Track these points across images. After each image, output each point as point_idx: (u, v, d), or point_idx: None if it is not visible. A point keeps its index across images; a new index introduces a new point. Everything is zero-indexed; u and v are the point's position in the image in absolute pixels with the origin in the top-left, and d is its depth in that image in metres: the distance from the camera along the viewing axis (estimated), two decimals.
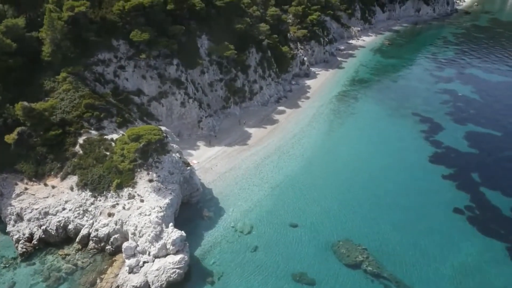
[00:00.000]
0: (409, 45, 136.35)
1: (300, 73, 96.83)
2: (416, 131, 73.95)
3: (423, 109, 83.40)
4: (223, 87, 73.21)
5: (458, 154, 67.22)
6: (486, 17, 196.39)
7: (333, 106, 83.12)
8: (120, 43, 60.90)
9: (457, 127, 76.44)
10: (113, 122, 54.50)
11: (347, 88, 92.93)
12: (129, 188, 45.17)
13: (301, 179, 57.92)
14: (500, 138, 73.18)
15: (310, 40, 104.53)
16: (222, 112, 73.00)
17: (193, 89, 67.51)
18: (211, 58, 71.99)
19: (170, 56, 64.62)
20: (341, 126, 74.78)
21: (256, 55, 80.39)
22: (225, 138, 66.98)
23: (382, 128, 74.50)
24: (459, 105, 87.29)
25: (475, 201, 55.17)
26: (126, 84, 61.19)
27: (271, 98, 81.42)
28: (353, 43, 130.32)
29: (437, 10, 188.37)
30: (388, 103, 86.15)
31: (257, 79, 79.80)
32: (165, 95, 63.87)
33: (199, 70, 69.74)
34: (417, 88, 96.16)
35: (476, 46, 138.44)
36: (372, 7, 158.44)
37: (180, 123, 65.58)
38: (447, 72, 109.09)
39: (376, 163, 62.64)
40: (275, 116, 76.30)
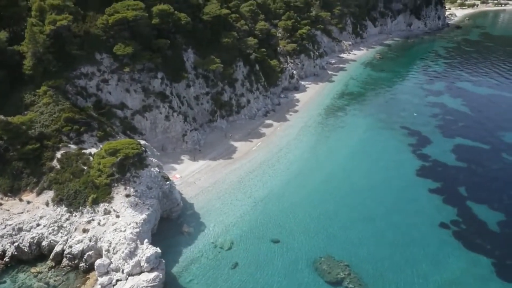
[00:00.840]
0: (400, 59, 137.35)
1: (289, 87, 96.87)
2: (404, 145, 73.46)
3: (411, 122, 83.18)
4: (209, 101, 72.87)
5: (446, 167, 66.58)
6: (477, 31, 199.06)
7: (321, 119, 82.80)
8: (104, 56, 60.63)
9: (445, 140, 76.03)
10: (93, 136, 53.75)
11: (336, 102, 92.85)
12: (105, 203, 44.16)
13: (285, 194, 56.99)
14: (487, 151, 72.71)
15: (300, 54, 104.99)
16: (208, 126, 72.48)
17: (178, 103, 67.08)
18: (197, 71, 71.86)
19: (155, 70, 64.35)
20: (328, 140, 74.23)
21: (243, 69, 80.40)
22: (210, 152, 66.27)
23: (369, 142, 73.98)
24: (448, 118, 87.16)
25: (462, 216, 54.25)
26: (109, 98, 60.68)
27: (258, 112, 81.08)
28: (344, 57, 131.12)
29: (428, 24, 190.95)
30: (376, 116, 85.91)
31: (245, 92, 79.61)
32: (149, 108, 63.33)
33: (185, 83, 69.46)
34: (407, 101, 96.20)
35: (466, 60, 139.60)
36: (364, 21, 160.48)
37: (164, 137, 64.90)
38: (437, 85, 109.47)
39: (361, 177, 61.89)
40: (262, 130, 75.80)
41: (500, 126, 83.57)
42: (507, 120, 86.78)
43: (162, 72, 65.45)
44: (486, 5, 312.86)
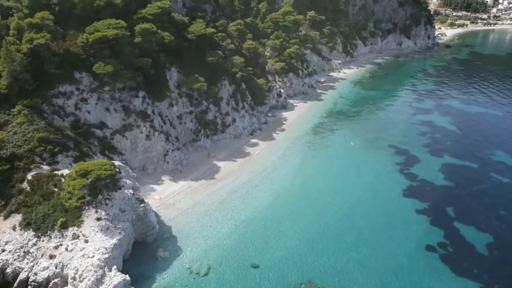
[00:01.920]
0: (390, 77, 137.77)
1: (277, 105, 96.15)
2: (391, 164, 72.21)
3: (400, 141, 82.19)
4: (193, 120, 71.69)
5: (433, 187, 65.21)
6: (467, 50, 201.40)
7: (308, 138, 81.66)
8: (83, 75, 59.58)
9: (433, 159, 74.92)
10: (69, 156, 52.18)
11: (324, 120, 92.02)
12: (74, 227, 42.17)
13: (268, 216, 55.18)
14: (476, 170, 71.59)
15: (288, 73, 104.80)
16: (192, 145, 71.04)
17: (160, 122, 65.83)
18: (180, 90, 70.95)
19: (136, 89, 63.36)
20: (314, 159, 72.87)
21: (229, 87, 79.67)
22: (192, 172, 64.62)
23: (356, 161, 72.65)
24: (437, 136, 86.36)
25: (449, 238, 52.57)
26: (88, 117, 59.32)
27: (244, 131, 79.90)
28: (334, 76, 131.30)
29: (418, 43, 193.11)
30: (364, 135, 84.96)
31: (230, 111, 78.62)
32: (130, 128, 61.95)
33: (167, 102, 68.40)
34: (395, 120, 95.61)
35: (455, 79, 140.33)
36: (354, 40, 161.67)
37: (145, 157, 63.34)
38: (426, 103, 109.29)
39: (347, 198, 60.31)
40: (247, 149, 74.43)
41: (488, 145, 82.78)
42: (495, 139, 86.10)
43: (144, 91, 64.44)
44: (475, 25, 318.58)
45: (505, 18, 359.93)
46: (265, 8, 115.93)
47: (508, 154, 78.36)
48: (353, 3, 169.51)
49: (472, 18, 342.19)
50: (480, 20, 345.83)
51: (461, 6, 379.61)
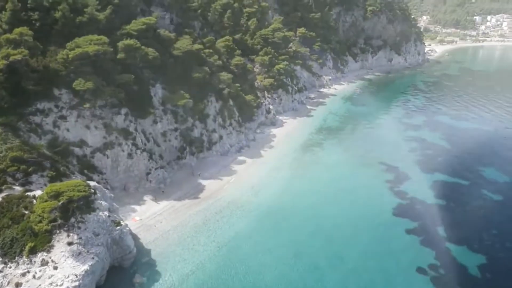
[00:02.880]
0: (380, 93, 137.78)
1: (266, 122, 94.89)
2: (381, 181, 70.62)
3: (390, 157, 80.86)
4: (178, 137, 69.91)
5: (424, 206, 63.52)
6: (457, 66, 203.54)
7: (297, 155, 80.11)
8: (63, 92, 57.82)
9: (423, 176, 73.52)
10: (44, 176, 49.81)
11: (313, 137, 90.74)
12: (43, 252, 39.67)
13: (253, 237, 53.00)
14: (467, 187, 70.17)
15: (278, 89, 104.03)
16: (176, 163, 69.05)
17: (143, 140, 64.00)
18: (165, 107, 69.39)
19: (118, 106, 61.68)
20: (302, 177, 71.08)
21: (216, 104, 78.33)
22: (175, 191, 62.49)
23: (345, 179, 71.02)
24: (427, 152, 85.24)
25: (440, 259, 50.57)
26: (67, 135, 57.29)
27: (231, 148, 78.21)
28: (324, 92, 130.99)
29: (408, 60, 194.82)
30: (354, 151, 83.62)
31: (217, 128, 77.06)
32: (111, 146, 59.97)
33: (151, 119, 66.67)
34: (386, 136, 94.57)
35: (445, 94, 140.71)
36: (345, 57, 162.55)
37: (127, 176, 61.18)
38: (416, 119, 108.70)
39: (336, 218, 58.34)
40: (234, 167, 72.57)
41: (479, 161, 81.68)
42: (486, 155, 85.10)
43: (127, 108, 62.76)
44: (464, 41, 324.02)
45: (493, 35, 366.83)
46: (254, 24, 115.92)
47: (499, 171, 77.22)
48: (344, 20, 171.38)
49: (461, 35, 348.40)
50: (469, 37, 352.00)
51: (450, 23, 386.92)
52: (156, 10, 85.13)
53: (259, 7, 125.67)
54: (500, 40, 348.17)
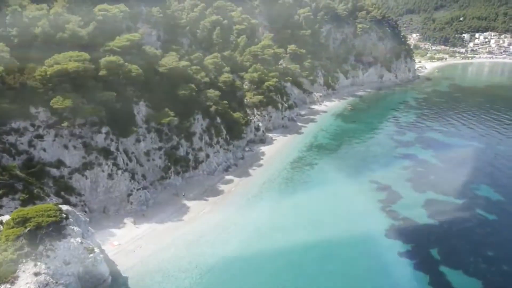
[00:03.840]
0: (371, 110, 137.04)
1: (256, 139, 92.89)
2: (372, 201, 68.43)
3: (381, 176, 78.95)
4: (162, 156, 67.48)
5: (417, 226, 61.28)
6: (447, 83, 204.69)
7: (286, 173, 77.87)
8: (40, 110, 55.47)
9: (416, 196, 71.52)
10: (15, 199, 46.97)
11: (303, 154, 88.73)
12: (7, 284, 36.52)
13: (238, 262, 50.19)
14: (461, 207, 68.15)
15: (267, 106, 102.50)
16: (160, 183, 66.40)
17: (125, 159, 61.51)
18: (149, 125, 67.21)
19: (99, 124, 59.35)
20: (292, 197, 68.68)
21: (202, 122, 76.28)
22: (158, 213, 59.68)
23: (335, 198, 68.77)
24: (419, 170, 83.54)
25: (435, 284, 48.19)
26: (43, 155, 54.69)
27: (219, 167, 75.81)
28: (315, 108, 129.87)
29: (399, 76, 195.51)
30: (345, 169, 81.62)
31: (203, 146, 74.80)
32: (90, 166, 57.36)
33: (134, 138, 64.35)
34: (377, 153, 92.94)
35: (436, 111, 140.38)
36: (335, 73, 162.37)
37: (107, 197, 58.37)
38: (408, 136, 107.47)
39: (325, 239, 55.74)
40: (221, 187, 70.06)
41: (472, 179, 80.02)
42: (478, 172, 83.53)
43: (108, 127, 60.44)
44: (454, 58, 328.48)
45: (482, 52, 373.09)
46: (244, 41, 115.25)
47: (493, 189, 75.57)
48: (334, 37, 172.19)
49: (451, 52, 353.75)
50: (458, 53, 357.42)
51: (439, 41, 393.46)
52: (143, 26, 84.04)
53: (249, 24, 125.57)
54: (489, 57, 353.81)
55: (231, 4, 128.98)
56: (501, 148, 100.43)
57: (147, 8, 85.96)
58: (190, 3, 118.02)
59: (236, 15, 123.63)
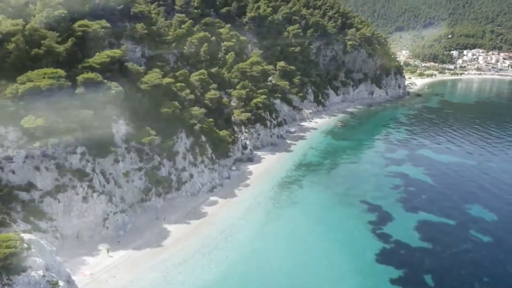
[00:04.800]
0: (362, 126, 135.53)
1: (243, 158, 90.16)
2: (363, 223, 65.71)
3: (372, 196, 76.50)
4: (142, 177, 64.30)
5: (409, 250, 58.61)
6: (437, 99, 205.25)
7: (274, 194, 74.97)
8: (9, 130, 52.24)
9: (408, 216, 69.05)
10: None
11: (292, 173, 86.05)
12: None
13: None
14: (454, 228, 65.75)
15: (255, 123, 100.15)
16: (140, 206, 63.04)
17: (102, 181, 58.22)
18: (129, 144, 64.15)
19: (74, 144, 56.27)
20: (279, 219, 65.69)
21: (186, 140, 73.54)
22: (136, 238, 56.20)
23: (324, 220, 65.86)
24: (410, 189, 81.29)
25: None
26: (12, 178, 51.28)
27: (203, 187, 72.70)
28: (305, 125, 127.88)
29: (389, 93, 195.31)
30: (334, 189, 79.01)
31: (187, 166, 71.86)
32: (63, 189, 53.99)
33: (112, 158, 61.16)
34: (367, 172, 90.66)
35: (427, 127, 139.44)
36: (326, 90, 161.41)
37: (81, 222, 54.80)
38: (399, 153, 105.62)
39: (313, 265, 52.83)
40: (205, 208, 66.86)
41: (464, 198, 78.04)
42: (470, 191, 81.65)
43: (84, 147, 57.36)
44: (443, 75, 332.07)
45: (471, 68, 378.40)
46: (232, 58, 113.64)
47: (486, 208, 73.44)
48: (324, 54, 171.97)
49: (440, 68, 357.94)
50: (448, 70, 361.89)
51: (429, 58, 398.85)
52: (126, 43, 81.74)
53: (238, 41, 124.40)
54: (477, 73, 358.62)
55: (220, 21, 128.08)
56: (492, 165, 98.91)
57: (132, 24, 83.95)
58: (178, 19, 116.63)
59: (225, 32, 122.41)
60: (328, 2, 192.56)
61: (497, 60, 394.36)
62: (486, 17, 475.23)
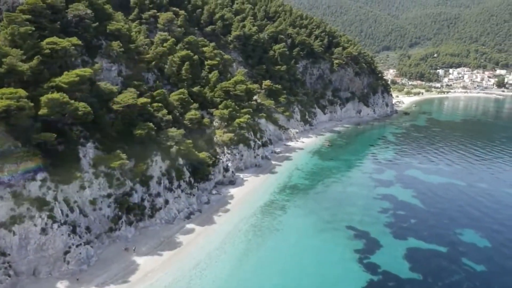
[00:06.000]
0: (350, 146, 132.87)
1: (224, 181, 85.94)
2: (349, 251, 61.53)
3: (359, 221, 72.62)
4: (111, 204, 59.52)
5: (399, 281, 54.44)
6: (424, 117, 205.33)
7: (255, 220, 70.55)
8: None
9: (396, 244, 65.11)
10: None
11: (275, 197, 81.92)
12: None
13: None
14: (445, 256, 61.87)
15: (238, 144, 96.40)
16: (108, 236, 58.04)
17: (65, 210, 53.35)
18: (97, 169, 59.57)
19: (34, 170, 51.61)
20: (259, 249, 61.12)
21: (161, 164, 69.23)
22: (101, 273, 51.04)
23: (308, 250, 61.54)
24: (399, 213, 77.62)
25: None
26: None
27: (179, 214, 68.07)
28: (291, 145, 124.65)
29: (377, 111, 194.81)
30: (320, 214, 74.97)
31: (162, 191, 67.34)
32: (20, 220, 48.92)
33: (78, 185, 56.45)
34: (354, 194, 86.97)
35: (415, 146, 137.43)
36: (313, 109, 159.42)
37: (38, 257, 49.59)
38: (387, 174, 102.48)
39: None
40: (180, 238, 62.07)
41: (455, 222, 74.60)
42: (461, 214, 78.32)
43: (45, 172, 52.73)
44: (430, 93, 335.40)
45: (457, 86, 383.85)
46: (215, 77, 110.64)
47: (478, 233, 70.00)
48: (310, 73, 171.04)
49: (427, 86, 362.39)
50: (434, 88, 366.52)
51: (415, 76, 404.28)
52: (101, 61, 78.17)
53: (222, 59, 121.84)
54: (463, 91, 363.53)
55: (204, 40, 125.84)
56: (482, 186, 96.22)
57: (108, 42, 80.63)
58: (160, 38, 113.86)
59: (208, 50, 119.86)
60: (315, 22, 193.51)
61: (482, 78, 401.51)
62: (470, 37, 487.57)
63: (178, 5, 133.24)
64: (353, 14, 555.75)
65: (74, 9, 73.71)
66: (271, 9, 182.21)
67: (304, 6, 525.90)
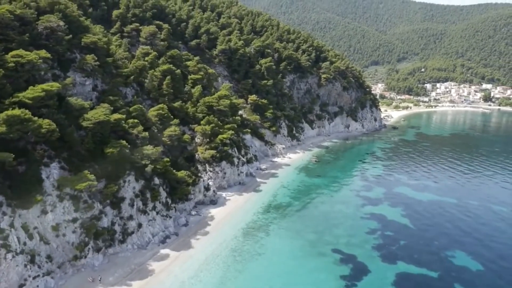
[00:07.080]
0: (338, 161, 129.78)
1: (205, 200, 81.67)
2: (334, 277, 57.52)
3: (345, 243, 68.84)
4: (77, 230, 54.78)
5: None
6: (413, 131, 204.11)
7: (236, 244, 66.20)
8: None
9: (385, 268, 61.29)
10: None
11: (259, 218, 77.78)
12: None
13: None
14: (437, 281, 58.20)
15: (221, 161, 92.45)
16: (72, 265, 53.17)
17: (22, 238, 48.58)
18: (62, 191, 54.98)
19: None
20: (238, 277, 56.69)
21: (135, 184, 64.89)
22: None
23: (291, 277, 57.31)
24: (388, 234, 73.98)
25: None
26: None
27: (154, 238, 63.49)
28: (278, 161, 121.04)
29: (365, 126, 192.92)
30: (305, 236, 70.96)
31: (135, 214, 62.83)
32: None
33: (39, 209, 51.79)
34: (342, 214, 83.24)
35: (404, 161, 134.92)
36: (300, 124, 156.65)
37: None
38: (375, 191, 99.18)
39: None
40: (152, 265, 57.38)
41: (446, 243, 71.16)
42: (452, 234, 74.96)
43: (1, 196, 48.11)
44: (418, 107, 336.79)
45: (444, 100, 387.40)
46: (199, 91, 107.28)
47: (470, 256, 66.60)
48: (298, 87, 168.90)
49: (415, 101, 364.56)
50: (422, 102, 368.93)
51: (403, 90, 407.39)
52: (75, 75, 74.21)
53: (206, 74, 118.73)
54: (451, 105, 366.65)
55: (188, 54, 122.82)
56: (473, 203, 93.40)
57: (82, 55, 76.88)
58: (142, 51, 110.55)
59: (192, 65, 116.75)
60: (302, 36, 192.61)
61: (468, 92, 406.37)
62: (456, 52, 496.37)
63: (162, 19, 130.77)
64: (342, 30, 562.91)
65: (45, 20, 69.99)
66: (258, 24, 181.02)
67: (294, 21, 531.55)
